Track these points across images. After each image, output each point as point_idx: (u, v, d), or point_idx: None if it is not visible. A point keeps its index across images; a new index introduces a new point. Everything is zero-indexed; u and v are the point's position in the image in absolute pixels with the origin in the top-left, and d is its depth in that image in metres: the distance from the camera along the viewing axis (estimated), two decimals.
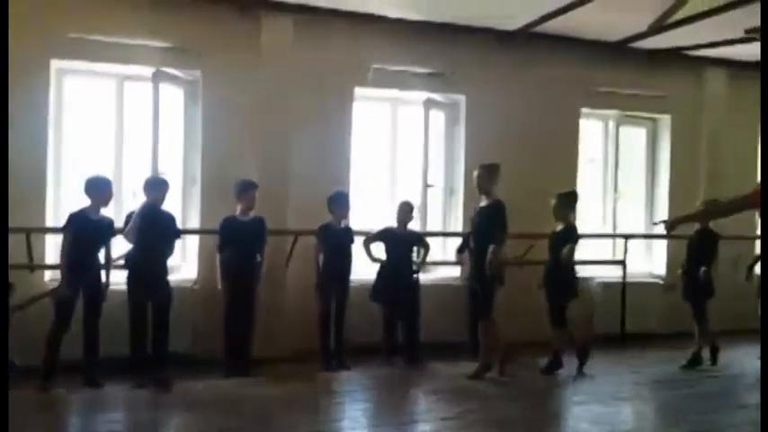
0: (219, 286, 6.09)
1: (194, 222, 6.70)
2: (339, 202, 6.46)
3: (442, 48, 7.43)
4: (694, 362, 6.76)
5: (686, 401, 5.74)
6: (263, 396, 5.51)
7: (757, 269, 7.72)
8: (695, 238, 6.92)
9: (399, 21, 7.13)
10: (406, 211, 6.73)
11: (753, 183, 9.00)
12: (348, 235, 6.58)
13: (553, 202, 6.43)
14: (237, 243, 6.07)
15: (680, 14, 6.88)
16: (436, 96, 7.67)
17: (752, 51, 8.17)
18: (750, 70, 8.80)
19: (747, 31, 7.39)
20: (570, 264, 6.43)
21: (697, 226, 6.92)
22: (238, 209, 6.19)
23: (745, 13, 6.70)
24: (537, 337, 6.57)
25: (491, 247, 5.79)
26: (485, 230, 5.94)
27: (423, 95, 7.60)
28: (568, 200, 6.49)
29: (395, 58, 7.31)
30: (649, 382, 6.38)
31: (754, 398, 5.75)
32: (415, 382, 6.15)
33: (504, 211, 5.95)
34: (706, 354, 6.82)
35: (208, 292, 6.32)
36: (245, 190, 6.15)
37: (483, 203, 6.10)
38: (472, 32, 7.49)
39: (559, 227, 6.45)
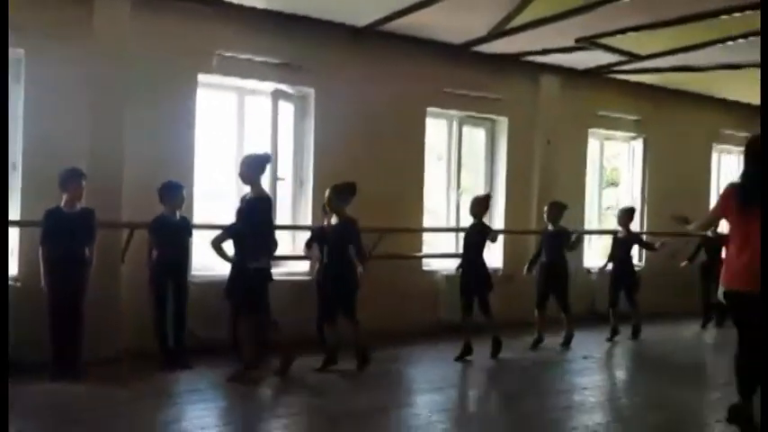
0: (43, 284, 5.58)
1: (14, 213, 6.04)
2: (170, 193, 6.15)
3: (293, 39, 7.32)
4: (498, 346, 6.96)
5: (524, 384, 6.10)
6: (96, 398, 5.14)
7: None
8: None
9: (247, 8, 6.92)
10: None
11: (581, 181, 9.86)
12: (184, 227, 6.27)
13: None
14: (62, 237, 5.57)
15: (517, 21, 7.24)
16: (285, 88, 7.53)
17: (582, 59, 8.88)
18: (581, 78, 9.55)
19: (578, 41, 8.01)
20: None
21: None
22: (63, 200, 5.67)
23: (576, 23, 7.21)
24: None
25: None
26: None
27: (271, 86, 7.43)
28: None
29: (242, 46, 7.09)
30: (486, 368, 6.66)
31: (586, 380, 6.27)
32: (264, 379, 5.97)
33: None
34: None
35: (31, 289, 5.73)
36: (70, 179, 5.66)
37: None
38: (323, 26, 7.45)
39: (334, 220, 6.63)
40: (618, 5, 6.54)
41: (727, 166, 12.03)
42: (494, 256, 9.14)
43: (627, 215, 8.48)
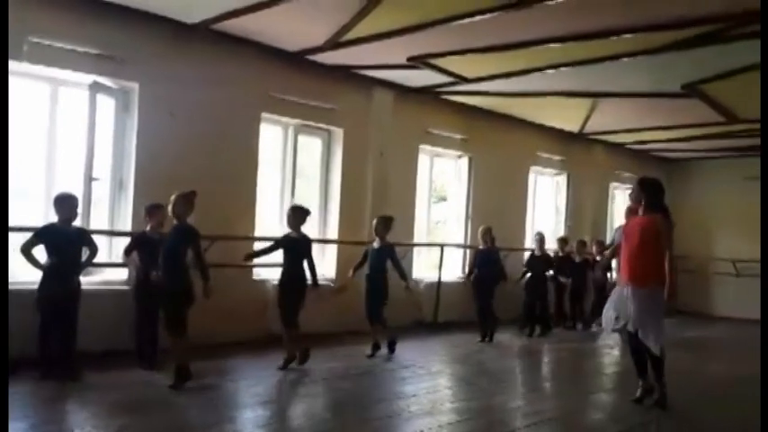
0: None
1: None
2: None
3: (116, 30, 6.84)
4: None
5: (353, 395, 6.06)
6: None
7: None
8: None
9: None
10: (72, 206, 5.95)
11: (412, 195, 10.17)
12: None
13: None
14: None
15: (353, 34, 7.33)
16: (105, 80, 6.98)
17: (415, 77, 9.18)
18: (413, 95, 9.88)
19: (410, 59, 8.26)
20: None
21: None
22: None
23: (408, 42, 7.44)
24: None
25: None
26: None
27: (89, 78, 6.85)
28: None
29: (58, 34, 6.48)
30: (314, 379, 6.55)
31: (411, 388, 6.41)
32: (73, 396, 5.42)
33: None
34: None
35: None
36: None
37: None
38: (151, 19, 7.03)
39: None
40: (447, 28, 6.83)
41: (542, 187, 13.06)
42: (327, 266, 9.16)
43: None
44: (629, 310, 5.75)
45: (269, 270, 8.26)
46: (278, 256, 8.46)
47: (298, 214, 7.02)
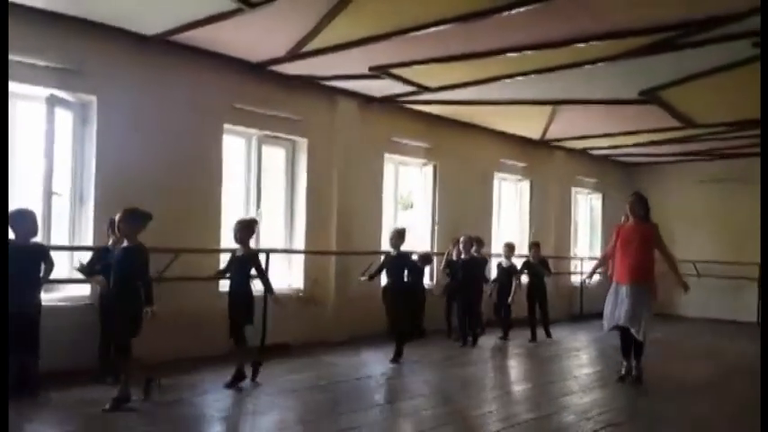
0: None
1: None
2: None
3: (73, 42, 6.73)
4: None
5: (325, 404, 6.04)
6: None
7: None
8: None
9: (19, 6, 6.22)
10: (31, 221, 5.80)
11: (378, 203, 10.19)
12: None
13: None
14: None
15: (313, 45, 7.32)
16: (62, 94, 6.86)
17: (378, 87, 9.22)
18: (377, 104, 9.92)
19: (371, 69, 8.30)
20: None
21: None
22: None
23: (369, 52, 7.47)
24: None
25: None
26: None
27: (46, 91, 6.73)
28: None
29: (13, 47, 6.26)
30: (290, 390, 6.51)
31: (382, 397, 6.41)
32: (33, 418, 5.29)
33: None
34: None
35: None
36: None
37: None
38: (107, 31, 6.92)
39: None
40: (407, 38, 6.88)
41: (506, 192, 13.21)
42: (294, 276, 9.12)
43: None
44: (622, 307, 6.90)
45: None
46: None
47: (238, 228, 6.70)
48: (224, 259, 8.20)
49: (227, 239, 8.30)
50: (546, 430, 5.49)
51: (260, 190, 8.88)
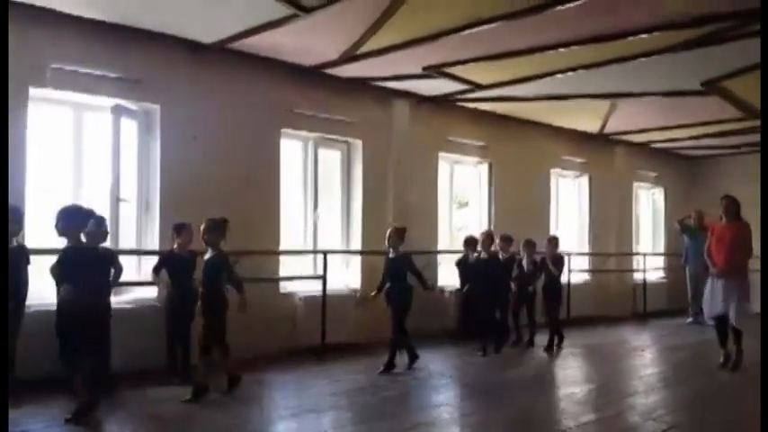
0: None
1: None
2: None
3: (134, 53, 6.98)
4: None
5: (384, 404, 6.04)
6: None
7: None
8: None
9: (84, 20, 6.51)
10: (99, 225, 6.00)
11: (433, 203, 10.19)
12: (20, 255, 5.68)
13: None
14: None
15: (366, 47, 7.39)
16: (127, 103, 7.13)
17: (431, 86, 9.23)
18: (430, 104, 9.93)
19: (425, 69, 8.31)
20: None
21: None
22: None
23: (423, 52, 7.49)
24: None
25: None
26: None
27: (111, 101, 6.99)
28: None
29: (78, 59, 6.63)
30: (348, 390, 6.55)
31: (442, 397, 6.42)
32: (107, 414, 5.50)
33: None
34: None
35: None
36: None
37: (210, 254, 6.08)
38: (167, 40, 7.16)
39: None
40: (460, 37, 6.86)
41: (564, 189, 13.00)
42: (352, 277, 9.21)
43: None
44: (717, 297, 7.58)
45: (295, 283, 8.37)
46: (304, 268, 8.66)
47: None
48: (284, 261, 8.44)
49: (287, 241, 8.51)
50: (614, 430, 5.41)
51: (317, 192, 9.01)
